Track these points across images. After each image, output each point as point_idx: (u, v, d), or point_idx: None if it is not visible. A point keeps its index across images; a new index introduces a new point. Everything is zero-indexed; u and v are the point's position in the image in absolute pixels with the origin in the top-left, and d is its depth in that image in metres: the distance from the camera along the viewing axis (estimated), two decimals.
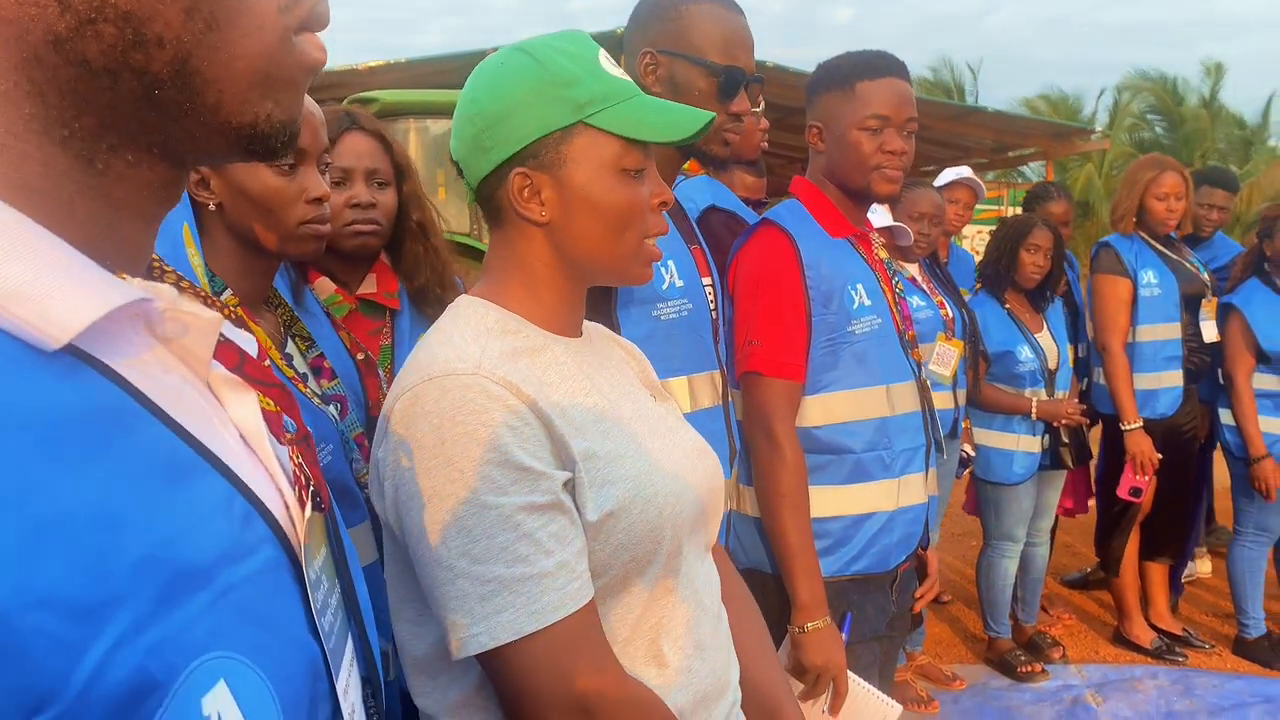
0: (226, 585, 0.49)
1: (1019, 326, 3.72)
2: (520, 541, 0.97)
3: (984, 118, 10.72)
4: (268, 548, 0.55)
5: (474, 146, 1.09)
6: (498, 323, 1.09)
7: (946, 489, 3.70)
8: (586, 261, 1.13)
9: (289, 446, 0.63)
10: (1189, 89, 23.57)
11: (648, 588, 1.08)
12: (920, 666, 3.82)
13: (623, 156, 1.09)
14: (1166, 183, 3.78)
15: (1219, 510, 5.46)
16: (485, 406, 0.99)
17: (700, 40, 1.66)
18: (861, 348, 1.93)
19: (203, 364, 0.58)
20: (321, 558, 0.63)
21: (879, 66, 1.96)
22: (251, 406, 0.60)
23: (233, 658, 0.48)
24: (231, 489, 0.54)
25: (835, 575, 1.93)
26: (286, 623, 0.55)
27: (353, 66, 8.21)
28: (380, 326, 1.80)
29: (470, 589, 0.97)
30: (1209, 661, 3.98)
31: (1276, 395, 3.79)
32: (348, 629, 0.65)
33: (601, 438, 1.06)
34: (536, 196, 1.09)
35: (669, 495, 1.08)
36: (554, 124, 1.07)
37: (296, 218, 1.37)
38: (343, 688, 0.60)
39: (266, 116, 0.54)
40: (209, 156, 0.56)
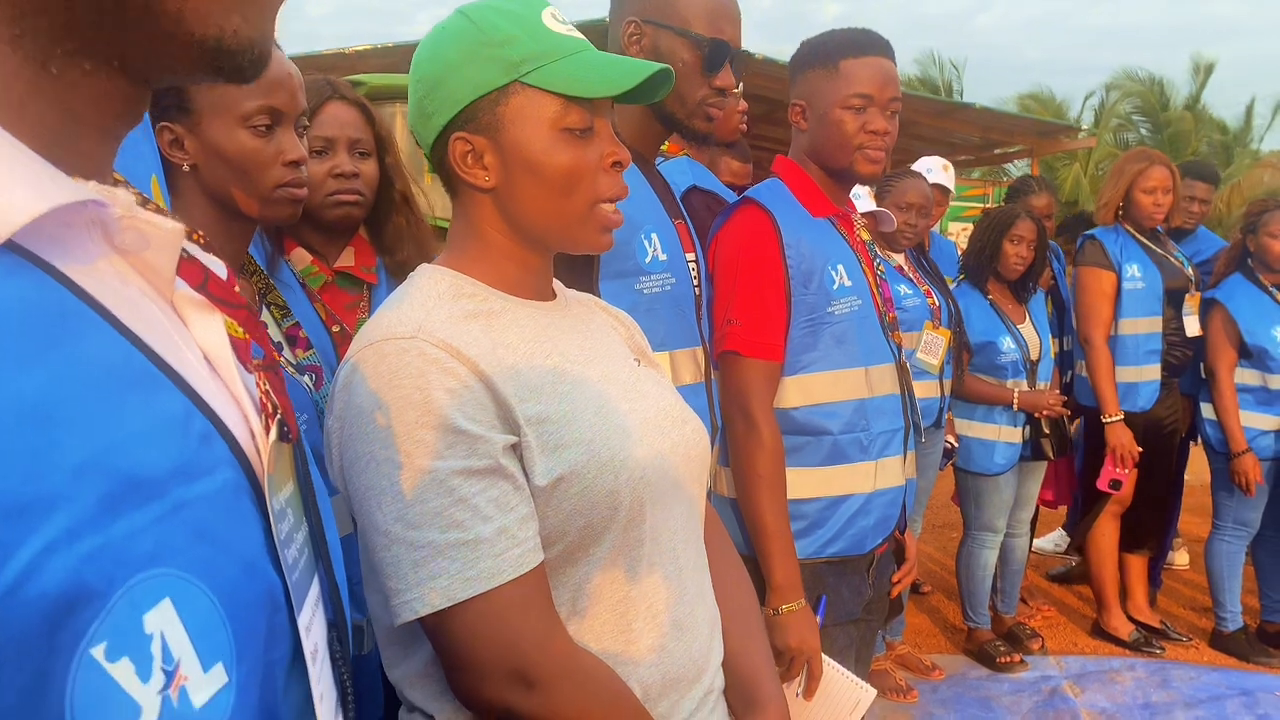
0: (179, 502, 0.47)
1: (1001, 317, 3.72)
2: (455, 506, 0.95)
3: (971, 114, 10.72)
4: (227, 470, 0.52)
5: (419, 114, 1.08)
6: (451, 287, 1.07)
7: (930, 479, 3.70)
8: (536, 227, 1.10)
9: (256, 373, 0.61)
10: (1175, 90, 23.73)
11: (607, 555, 1.05)
12: (899, 656, 3.82)
13: (563, 115, 1.05)
14: (1154, 176, 3.78)
15: (1192, 506, 5.49)
16: (421, 370, 0.97)
17: (685, 11, 1.63)
18: (841, 328, 1.91)
19: (165, 281, 0.55)
20: (288, 492, 0.61)
21: (864, 44, 1.93)
22: (217, 328, 0.58)
23: (181, 577, 0.45)
24: (190, 406, 0.51)
25: (811, 557, 1.91)
26: (244, 549, 0.52)
27: (340, 50, 8.15)
28: (357, 300, 1.78)
29: (404, 554, 0.95)
30: (1186, 654, 4.00)
31: (1258, 390, 3.81)
32: (314, 568, 0.63)
33: (558, 400, 1.03)
34: (479, 162, 1.07)
35: (629, 460, 1.04)
36: (488, 85, 1.04)
37: (273, 180, 1.35)
38: (305, 624, 0.57)
39: (233, 32, 0.51)
40: (171, 72, 0.53)
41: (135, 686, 0.42)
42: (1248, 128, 25.54)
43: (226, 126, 1.33)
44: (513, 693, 0.96)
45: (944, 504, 5.35)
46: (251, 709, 0.50)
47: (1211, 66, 24.09)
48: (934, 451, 3.60)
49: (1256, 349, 3.77)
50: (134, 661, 0.42)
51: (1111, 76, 24.48)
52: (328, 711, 0.61)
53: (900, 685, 3.58)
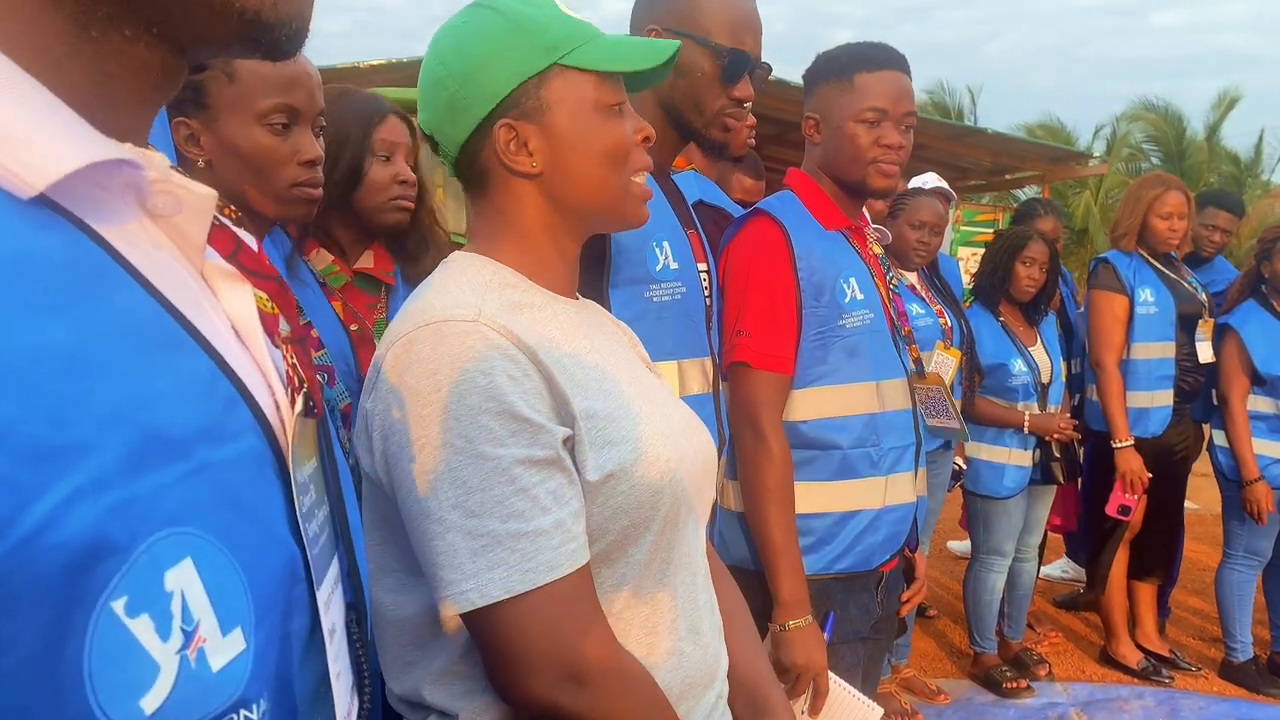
0: (203, 463, 0.46)
1: (1013, 339, 3.70)
2: (516, 496, 0.93)
3: (982, 139, 10.73)
4: (251, 437, 0.52)
5: (450, 110, 1.07)
6: (496, 275, 1.06)
7: (938, 501, 3.67)
8: (584, 206, 1.09)
9: (283, 347, 0.61)
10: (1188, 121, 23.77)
11: (644, 558, 1.04)
12: (905, 679, 3.78)
13: (601, 93, 1.07)
14: (1170, 202, 3.77)
15: (1201, 535, 5.45)
16: (485, 354, 0.95)
17: (707, 20, 1.63)
18: (853, 342, 1.89)
19: (196, 248, 0.55)
20: (311, 467, 0.60)
21: (879, 58, 1.92)
22: (246, 299, 0.58)
23: (204, 537, 0.45)
24: (217, 370, 0.51)
25: (818, 573, 1.89)
26: (266, 516, 0.52)
27: (355, 65, 8.21)
28: (375, 301, 1.79)
29: (462, 543, 0.92)
30: (1195, 684, 3.95)
31: (1271, 418, 3.78)
32: (334, 547, 0.63)
33: (603, 397, 1.02)
34: (524, 148, 1.06)
35: (670, 460, 1.04)
36: (529, 69, 1.04)
37: (288, 179, 1.35)
38: (324, 599, 0.57)
39: (273, 5, 0.52)
40: (209, 43, 0.53)
41: (155, 644, 0.41)
42: (1258, 159, 25.56)
43: (243, 124, 1.32)
44: (563, 690, 0.94)
45: (951, 527, 5.31)
46: (268, 678, 0.49)
47: (1235, 100, 24.16)
48: (942, 473, 3.58)
49: (1270, 377, 3.74)
50: (154, 619, 0.41)
51: (1129, 106, 24.54)
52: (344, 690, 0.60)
53: (905, 709, 3.54)
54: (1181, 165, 22.97)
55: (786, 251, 1.87)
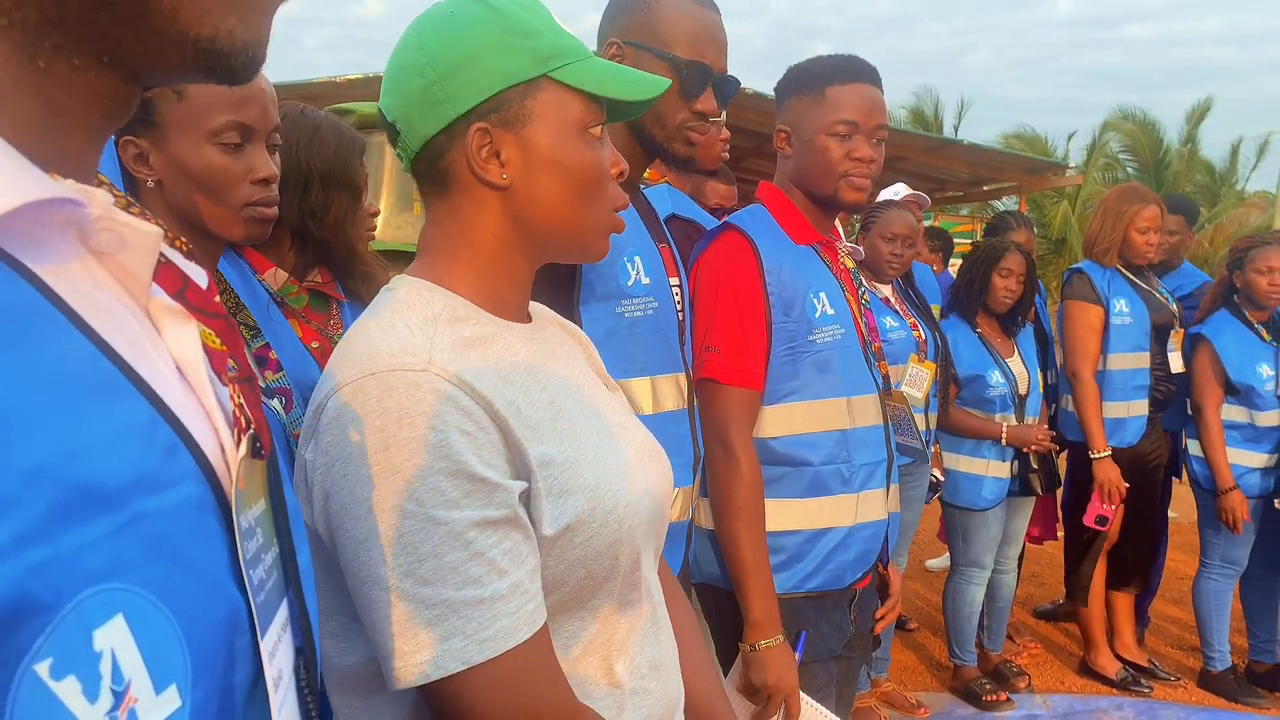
0: (138, 514, 0.44)
1: (990, 351, 3.70)
2: (472, 561, 0.88)
3: (959, 151, 10.79)
4: (192, 484, 0.50)
5: (422, 101, 0.99)
6: (445, 308, 0.98)
7: (916, 514, 3.67)
8: (547, 230, 1.04)
9: (230, 386, 0.59)
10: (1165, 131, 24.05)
11: (602, 603, 1.01)
12: (885, 693, 3.77)
13: (587, 115, 1.02)
14: (1148, 216, 3.79)
15: (1180, 544, 5.47)
16: (437, 408, 0.88)
17: (667, 33, 1.61)
18: (823, 357, 1.88)
19: (141, 285, 0.53)
20: (258, 510, 0.58)
21: (850, 71, 1.91)
22: (191, 337, 0.56)
23: (137, 592, 0.43)
24: (156, 416, 0.49)
25: (790, 592, 1.87)
26: (205, 566, 0.50)
27: (331, 79, 8.19)
28: (328, 317, 1.76)
29: (415, 613, 0.87)
30: (1174, 694, 3.96)
31: (1245, 427, 3.80)
32: (283, 591, 0.60)
33: (558, 441, 0.97)
34: (495, 157, 1.00)
35: (628, 505, 1.00)
36: (518, 75, 0.98)
37: (242, 198, 1.32)
38: (269, 649, 0.55)
39: (228, 33, 0.50)
40: (163, 71, 0.51)
41: (82, 707, 0.39)
42: (1233, 168, 25.87)
43: (194, 142, 1.29)
44: None
45: (930, 539, 5.31)
46: None
47: (1206, 111, 24.45)
48: (920, 485, 3.57)
49: (1243, 386, 3.76)
50: (81, 680, 0.39)
51: (1107, 116, 24.76)
52: None
53: None
54: (1158, 175, 23.21)
55: (755, 266, 1.86)
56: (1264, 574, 3.96)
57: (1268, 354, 3.77)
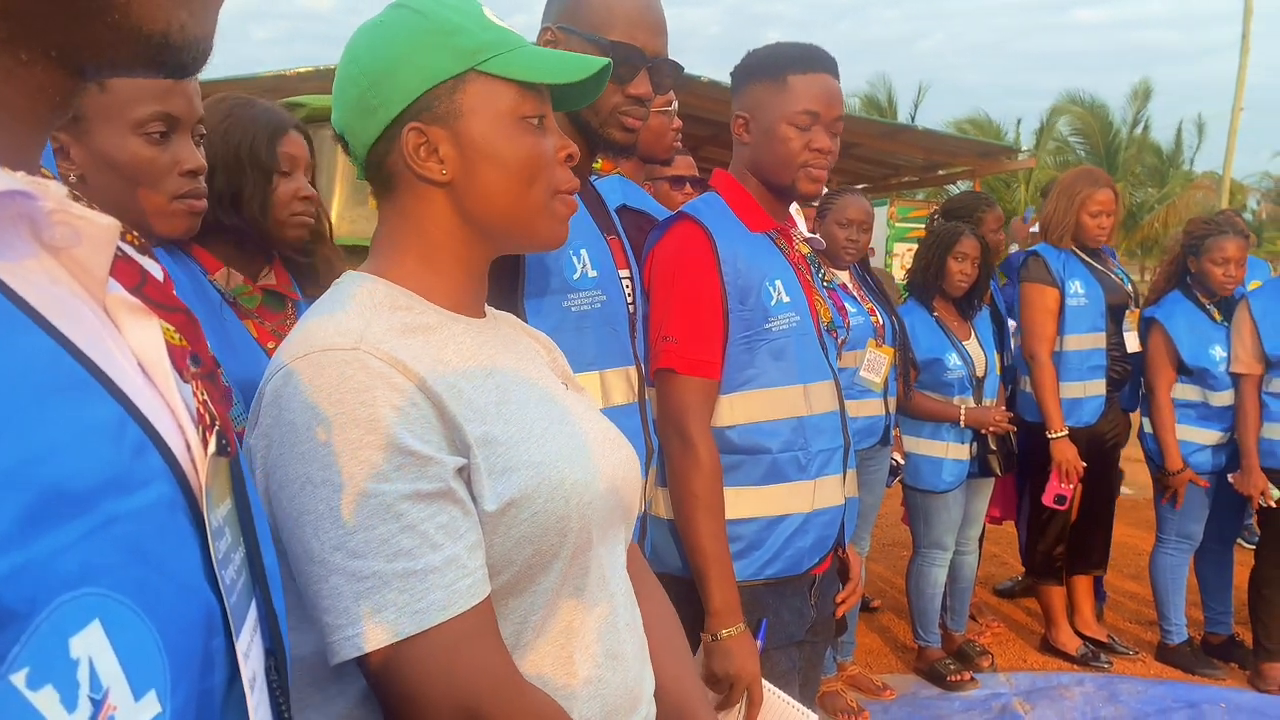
0: (109, 516, 0.43)
1: (947, 334, 3.73)
2: (403, 534, 0.88)
3: (914, 136, 10.89)
4: (162, 484, 0.49)
5: (359, 109, 1.03)
6: (387, 298, 1.01)
7: (877, 497, 3.69)
8: (494, 221, 1.05)
9: (194, 382, 0.58)
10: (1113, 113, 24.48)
11: (554, 586, 1.00)
12: (851, 677, 3.80)
13: (521, 103, 1.03)
14: (1100, 199, 3.84)
15: (1136, 520, 5.56)
16: (366, 384, 0.90)
17: (597, 17, 1.59)
18: (779, 345, 1.88)
19: (98, 281, 0.52)
20: (225, 508, 0.57)
21: (812, 60, 1.90)
22: (153, 333, 0.55)
23: (112, 597, 0.42)
24: (124, 414, 0.48)
25: (749, 579, 1.87)
26: (179, 566, 0.49)
27: (280, 73, 8.08)
28: (284, 317, 1.73)
29: (345, 586, 0.88)
30: (1133, 668, 4.03)
31: (1199, 405, 3.86)
32: (251, 592, 0.59)
33: (503, 422, 0.98)
34: (434, 154, 1.02)
35: (576, 484, 1.00)
36: (443, 73, 1.01)
37: (170, 191, 1.29)
38: (243, 649, 0.54)
39: (180, 26, 0.49)
40: (111, 65, 0.50)
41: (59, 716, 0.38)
42: (1179, 150, 26.34)
43: (117, 134, 1.25)
44: None
45: (893, 523, 5.36)
46: None
47: (1148, 93, 24.89)
48: (880, 469, 3.60)
49: (1197, 368, 3.82)
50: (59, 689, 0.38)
51: (1056, 100, 25.16)
52: None
53: (851, 706, 3.55)
54: (1110, 157, 23.58)
55: (711, 255, 1.85)
56: (1218, 548, 4.04)
57: (1220, 335, 3.83)
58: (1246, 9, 17.64)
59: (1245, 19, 17.69)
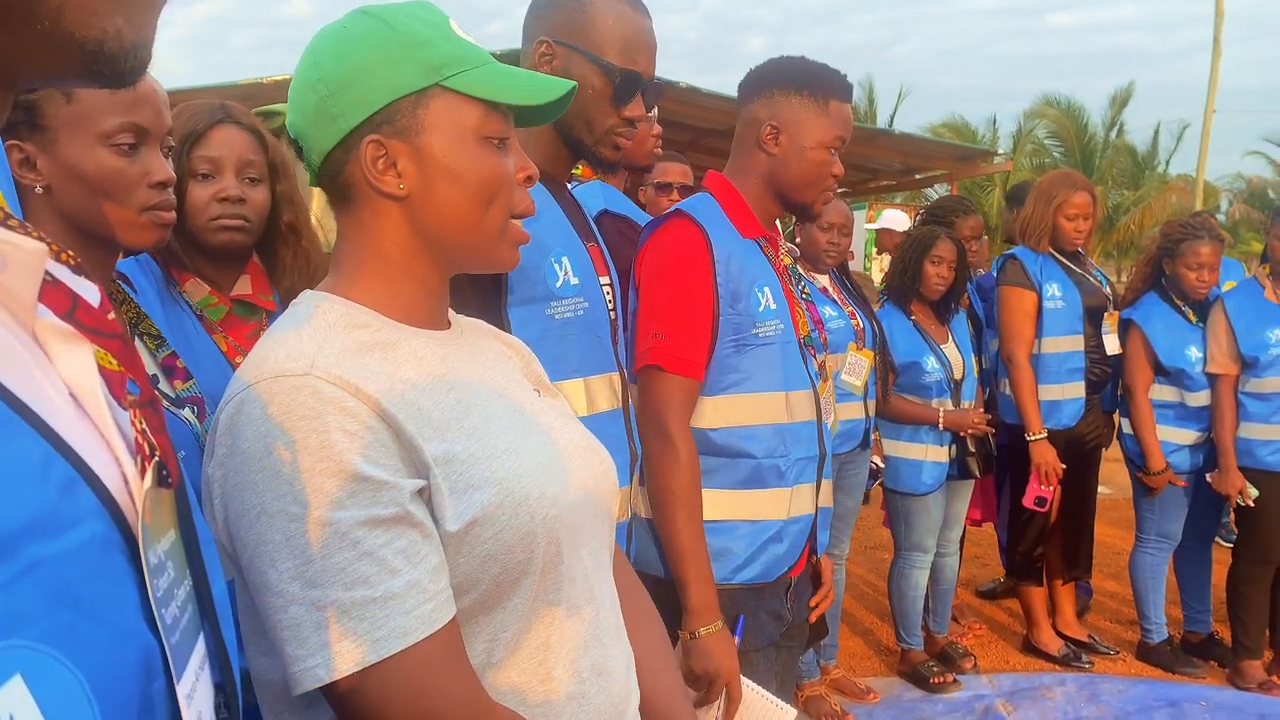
0: (32, 561, 0.41)
1: (925, 338, 3.74)
2: (361, 561, 0.87)
3: (891, 140, 10.93)
4: (95, 522, 0.47)
5: (317, 116, 1.00)
6: (343, 317, 0.99)
7: (857, 500, 3.70)
8: (448, 240, 1.03)
9: (132, 410, 0.55)
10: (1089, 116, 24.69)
11: (527, 601, 0.98)
12: (834, 680, 3.80)
13: (484, 122, 1.01)
14: (1076, 203, 3.85)
15: (1115, 520, 5.60)
16: (318, 410, 0.88)
17: (600, 38, 1.59)
18: (765, 351, 1.89)
19: (25, 307, 0.49)
20: (168, 542, 0.55)
21: (847, 89, 1.97)
22: (85, 361, 0.52)
23: (35, 648, 0.40)
24: (50, 450, 0.45)
25: (725, 583, 1.87)
26: (113, 610, 0.46)
27: (258, 80, 8.02)
28: (256, 328, 1.70)
29: (304, 616, 0.86)
30: (1114, 667, 4.05)
31: (1177, 406, 3.89)
32: (198, 626, 0.57)
33: (465, 438, 0.96)
34: (392, 168, 1.00)
35: (543, 498, 0.98)
36: (408, 86, 0.98)
37: (138, 203, 1.26)
38: (186, 691, 0.51)
39: (116, 33, 0.47)
40: (43, 74, 0.48)
41: None
42: (1154, 152, 26.57)
43: (85, 145, 1.23)
44: None
45: (874, 526, 5.37)
46: None
47: (1127, 98, 25.12)
48: (860, 472, 3.60)
49: (1174, 369, 3.84)
50: None
51: (1032, 103, 25.36)
52: None
53: (835, 710, 3.55)
54: (1086, 160, 23.75)
55: (707, 255, 1.85)
56: (1197, 547, 4.07)
57: (1195, 336, 3.86)
58: (1217, 12, 17.82)
59: (1216, 23, 17.87)
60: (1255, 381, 3.72)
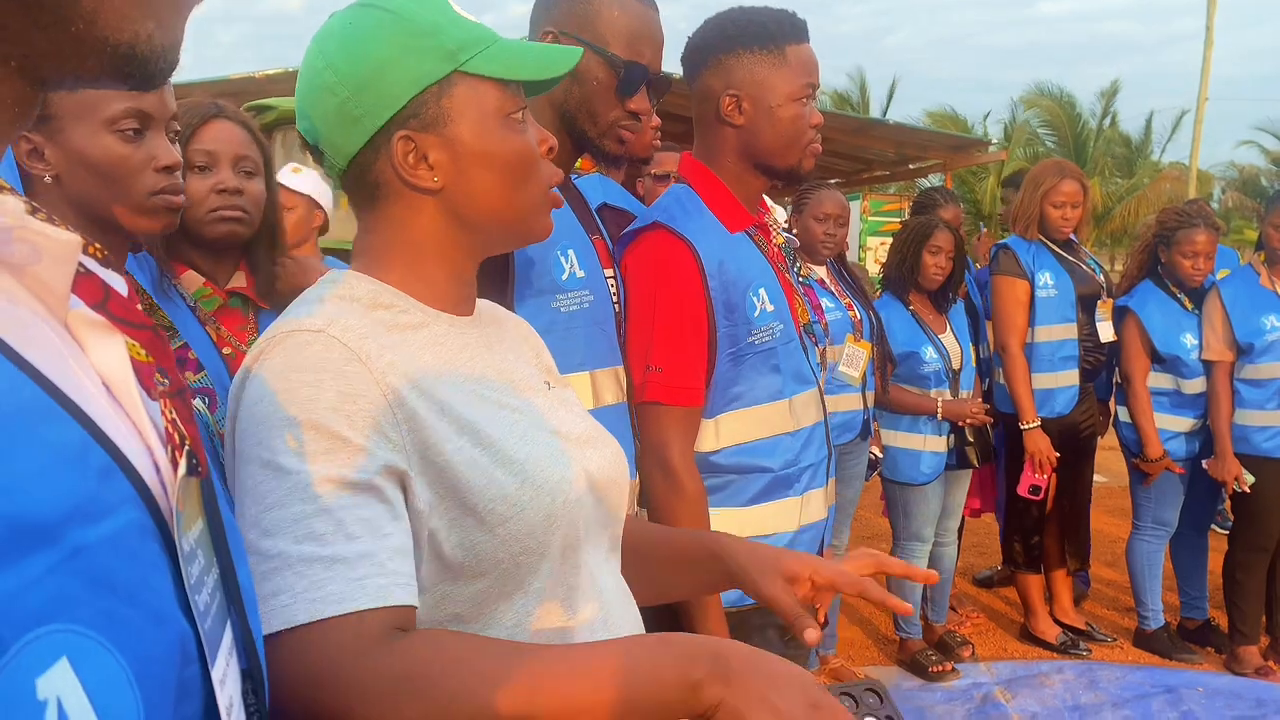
0: (76, 547, 0.41)
1: (923, 328, 3.75)
2: (317, 517, 0.84)
3: (885, 130, 10.93)
4: (130, 509, 0.47)
5: (340, 119, 0.98)
6: (370, 294, 0.98)
7: (856, 490, 3.71)
8: (488, 221, 1.03)
9: (161, 400, 0.55)
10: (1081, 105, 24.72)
11: (546, 588, 0.98)
12: (833, 670, 3.81)
13: (504, 101, 1.00)
14: (1064, 190, 3.86)
15: (1112, 508, 5.62)
16: (321, 364, 0.88)
17: (606, 29, 1.58)
18: (762, 358, 1.78)
19: (59, 299, 0.50)
20: (197, 530, 0.55)
21: (801, 28, 1.75)
22: (118, 351, 0.52)
23: (80, 632, 0.40)
24: (88, 438, 0.46)
25: (734, 605, 1.74)
26: (151, 595, 0.47)
27: (249, 75, 8.00)
28: (247, 322, 1.70)
29: (256, 566, 0.83)
30: (1112, 654, 4.07)
31: (1172, 393, 3.90)
32: (226, 614, 0.58)
33: (486, 421, 0.96)
34: (423, 161, 0.99)
35: (561, 482, 0.98)
36: (429, 77, 0.97)
37: (146, 187, 1.27)
38: (219, 676, 0.52)
39: (148, 37, 0.47)
40: (75, 75, 0.48)
41: None
42: (1148, 140, 26.61)
43: (91, 132, 1.24)
44: None
45: (873, 516, 5.38)
46: None
47: (1117, 88, 25.16)
48: (859, 463, 3.61)
49: (1169, 356, 3.86)
50: None
51: (1024, 92, 25.38)
52: None
53: None
54: (1079, 149, 23.78)
55: (695, 271, 1.71)
56: (1193, 533, 4.09)
57: (1191, 323, 3.87)
58: (1210, 0, 17.84)
59: (1209, 11, 17.89)
60: (1251, 368, 3.73)
